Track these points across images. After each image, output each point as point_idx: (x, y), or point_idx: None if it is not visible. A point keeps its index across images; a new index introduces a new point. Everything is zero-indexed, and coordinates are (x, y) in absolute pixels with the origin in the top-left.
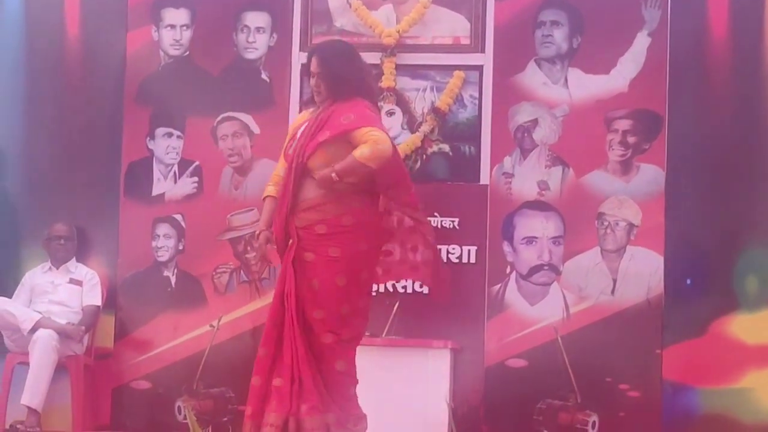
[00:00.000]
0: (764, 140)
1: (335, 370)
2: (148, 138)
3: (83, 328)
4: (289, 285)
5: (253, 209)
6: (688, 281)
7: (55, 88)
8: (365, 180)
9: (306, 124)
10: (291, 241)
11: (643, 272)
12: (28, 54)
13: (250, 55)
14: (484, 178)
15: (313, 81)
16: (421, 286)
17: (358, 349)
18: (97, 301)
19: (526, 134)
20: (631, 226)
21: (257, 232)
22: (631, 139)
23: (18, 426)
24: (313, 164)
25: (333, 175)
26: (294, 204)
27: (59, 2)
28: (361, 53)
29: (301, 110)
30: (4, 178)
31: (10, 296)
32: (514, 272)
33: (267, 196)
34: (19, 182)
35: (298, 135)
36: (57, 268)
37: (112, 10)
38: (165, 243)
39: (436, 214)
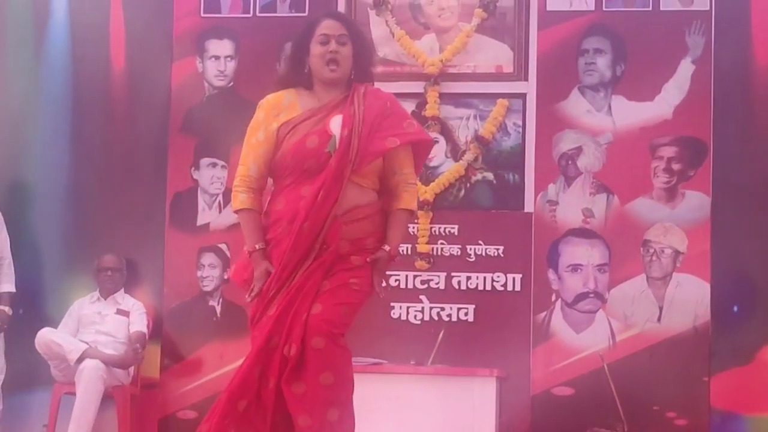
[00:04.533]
0: None
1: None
2: (193, 168)
3: (138, 346)
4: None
5: None
6: (735, 308)
7: (101, 120)
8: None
9: (341, 117)
10: (319, 249)
11: (690, 299)
12: (75, 86)
13: None
14: (529, 206)
15: (331, 47)
16: (465, 315)
17: (403, 377)
18: (144, 328)
19: (570, 162)
20: (676, 253)
21: (249, 251)
22: (675, 166)
23: None
24: (363, 173)
25: (386, 254)
26: (336, 213)
27: (105, 35)
28: (404, 82)
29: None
30: (52, 209)
31: (57, 327)
32: (559, 300)
33: (243, 209)
34: (66, 213)
35: (334, 130)
36: (105, 299)
37: (157, 42)
38: (210, 273)
39: (480, 242)
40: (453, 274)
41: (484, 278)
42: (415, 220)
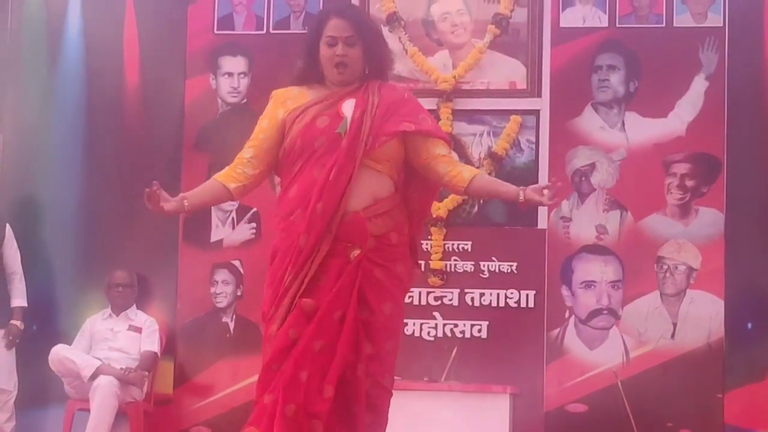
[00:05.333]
0: None
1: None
2: None
3: (146, 373)
4: (351, 311)
5: None
6: (749, 325)
7: (115, 136)
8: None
9: (354, 101)
10: (356, 252)
11: (704, 316)
12: (88, 102)
13: None
14: (542, 223)
15: (338, 49)
16: (479, 331)
17: (417, 394)
18: (155, 347)
19: (583, 178)
20: (690, 269)
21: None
22: (689, 183)
23: None
24: (377, 156)
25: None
26: (353, 206)
27: (119, 52)
28: (417, 99)
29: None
30: (65, 224)
31: (71, 343)
32: (573, 316)
33: (213, 178)
34: (80, 228)
35: (346, 113)
36: (117, 315)
37: (171, 59)
38: (223, 289)
39: (494, 258)
40: (466, 290)
41: (498, 295)
42: (429, 236)
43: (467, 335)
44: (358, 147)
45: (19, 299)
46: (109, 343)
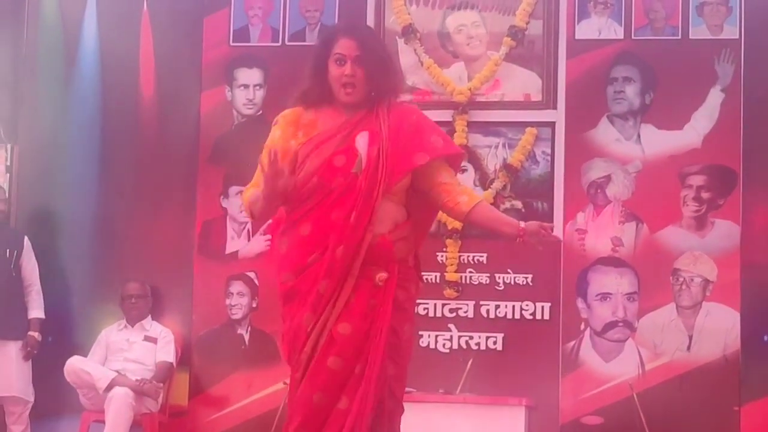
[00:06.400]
0: None
1: None
2: (222, 196)
3: (160, 384)
4: (383, 334)
5: None
6: (765, 337)
7: (130, 148)
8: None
9: (367, 134)
10: (382, 275)
11: (720, 328)
12: (104, 114)
13: None
14: (558, 235)
15: (345, 69)
16: (494, 343)
17: (432, 406)
18: (170, 358)
19: (599, 190)
20: (706, 282)
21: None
22: (705, 195)
23: None
24: (394, 189)
25: (533, 225)
26: (378, 231)
27: (134, 64)
28: (433, 111)
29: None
30: (81, 237)
31: (86, 354)
32: (588, 329)
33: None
34: (95, 241)
35: (361, 149)
36: (132, 326)
37: (187, 71)
38: (239, 301)
39: (509, 270)
40: (482, 302)
41: (513, 307)
42: (444, 249)
43: (482, 347)
44: (375, 187)
45: (36, 311)
46: (124, 354)
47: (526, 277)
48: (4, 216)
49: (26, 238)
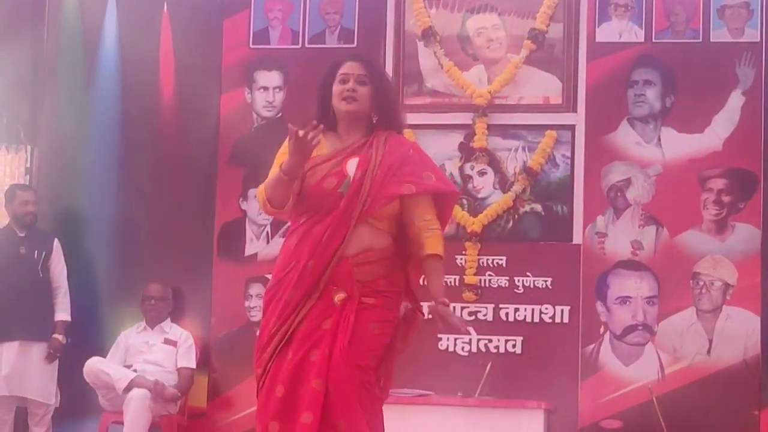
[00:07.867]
0: None
1: None
2: (241, 199)
3: (179, 393)
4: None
5: None
6: None
7: (150, 151)
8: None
9: (358, 160)
10: (340, 295)
11: (740, 332)
12: (124, 116)
13: None
14: (577, 238)
15: (349, 85)
16: (513, 346)
17: (451, 409)
18: (192, 364)
19: (619, 194)
20: (726, 285)
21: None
22: (726, 198)
23: None
24: (379, 215)
25: (442, 306)
26: (344, 254)
27: (154, 66)
28: (452, 114)
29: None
30: (101, 239)
31: (106, 356)
32: (607, 332)
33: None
34: (115, 243)
35: (350, 172)
36: (152, 328)
37: (206, 73)
38: (257, 303)
39: (528, 273)
40: (501, 305)
41: (532, 310)
42: (463, 252)
43: (501, 350)
44: (355, 208)
45: (63, 313)
46: (144, 356)
47: (546, 281)
48: (34, 218)
49: (56, 240)
